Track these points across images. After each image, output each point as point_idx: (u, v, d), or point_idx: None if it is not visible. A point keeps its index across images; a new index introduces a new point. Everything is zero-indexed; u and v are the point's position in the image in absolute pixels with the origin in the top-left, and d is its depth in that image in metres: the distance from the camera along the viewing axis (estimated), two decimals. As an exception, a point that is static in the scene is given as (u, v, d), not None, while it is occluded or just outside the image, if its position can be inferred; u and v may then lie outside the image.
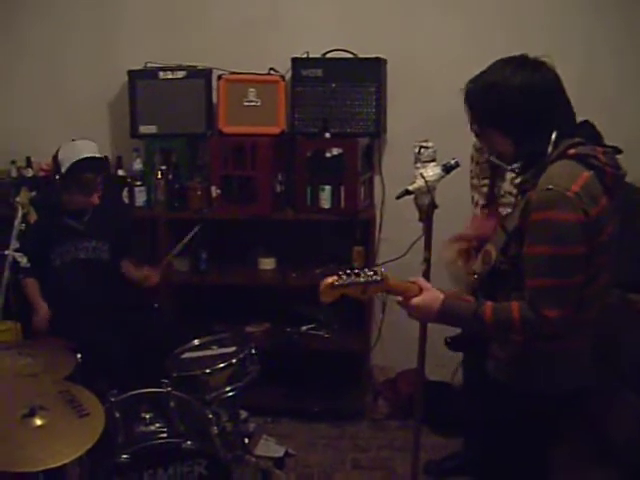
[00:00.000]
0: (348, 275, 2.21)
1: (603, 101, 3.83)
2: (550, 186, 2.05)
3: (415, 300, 2.25)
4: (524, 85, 2.15)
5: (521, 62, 2.22)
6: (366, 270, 2.24)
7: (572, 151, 2.12)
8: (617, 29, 3.95)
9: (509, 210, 2.97)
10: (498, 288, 2.27)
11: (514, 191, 2.98)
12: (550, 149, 2.15)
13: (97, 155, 3.60)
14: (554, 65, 2.22)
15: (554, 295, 2.08)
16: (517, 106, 2.16)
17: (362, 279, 2.21)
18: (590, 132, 2.21)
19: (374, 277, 2.22)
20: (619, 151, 2.21)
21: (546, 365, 2.24)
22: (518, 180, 2.33)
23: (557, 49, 3.74)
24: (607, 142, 2.22)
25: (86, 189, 3.54)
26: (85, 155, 3.51)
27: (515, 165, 2.26)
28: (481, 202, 3.16)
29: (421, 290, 2.26)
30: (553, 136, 2.14)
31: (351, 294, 2.23)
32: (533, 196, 2.10)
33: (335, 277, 2.21)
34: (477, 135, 2.33)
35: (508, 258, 2.24)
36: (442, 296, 2.24)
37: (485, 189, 3.14)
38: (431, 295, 2.25)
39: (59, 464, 2.29)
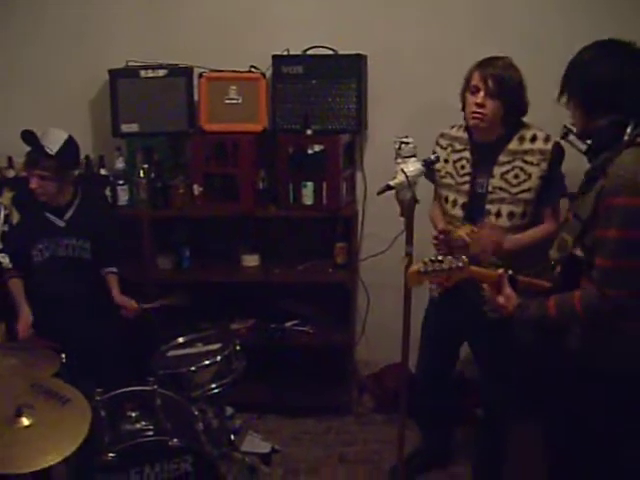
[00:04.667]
0: (432, 262, 2.37)
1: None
2: (621, 172, 2.17)
3: (499, 299, 2.43)
4: (616, 75, 2.26)
5: (615, 48, 2.32)
6: (449, 257, 2.39)
7: None
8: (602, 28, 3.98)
9: (501, 207, 3.04)
10: (575, 274, 2.34)
11: (504, 185, 3.03)
12: (626, 137, 2.23)
13: (32, 130, 3.49)
14: None
15: (619, 275, 2.19)
16: (604, 92, 2.27)
17: (446, 266, 2.36)
18: None
19: (457, 263, 2.37)
20: None
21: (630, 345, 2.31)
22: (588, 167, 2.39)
23: (537, 46, 3.85)
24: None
25: (28, 165, 3.50)
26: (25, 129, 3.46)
27: (584, 145, 2.37)
28: (462, 200, 3.13)
29: (501, 276, 2.42)
30: (631, 125, 2.24)
31: (436, 281, 2.45)
32: (606, 183, 2.20)
33: (421, 264, 2.37)
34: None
35: (585, 245, 2.31)
36: (519, 299, 2.40)
37: (466, 187, 3.11)
38: (509, 294, 2.42)
39: (51, 463, 2.30)
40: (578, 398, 2.40)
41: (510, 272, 2.44)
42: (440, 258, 2.38)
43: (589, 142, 2.36)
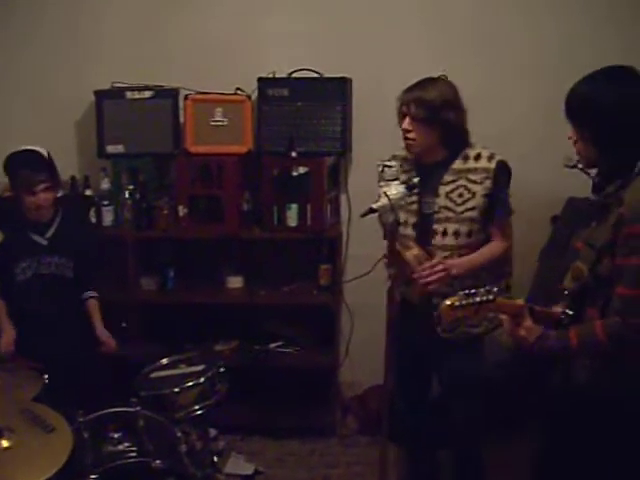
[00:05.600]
0: (467, 296, 2.31)
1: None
2: None
3: (521, 331, 2.35)
4: (622, 100, 2.22)
5: (619, 75, 2.28)
6: (481, 290, 2.32)
7: None
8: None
9: (447, 225, 3.01)
10: (589, 306, 2.32)
11: (449, 204, 3.00)
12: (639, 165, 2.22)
13: (32, 148, 3.53)
14: None
15: None
16: (612, 120, 2.23)
17: (478, 299, 2.30)
18: None
19: (488, 296, 2.30)
20: None
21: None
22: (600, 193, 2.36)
23: (530, 65, 3.90)
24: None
25: (27, 186, 3.46)
26: (20, 149, 3.49)
27: (594, 173, 2.35)
28: (411, 220, 3.09)
29: (522, 307, 2.35)
30: None
31: (466, 315, 2.33)
32: (625, 211, 2.17)
33: (455, 298, 2.31)
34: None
35: (599, 274, 2.28)
36: (540, 330, 2.34)
37: (415, 206, 3.08)
38: (530, 325, 2.35)
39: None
40: (580, 427, 2.38)
41: (529, 303, 2.43)
42: (473, 291, 2.32)
43: (595, 172, 2.34)
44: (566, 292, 2.42)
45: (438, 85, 3.02)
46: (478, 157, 3.02)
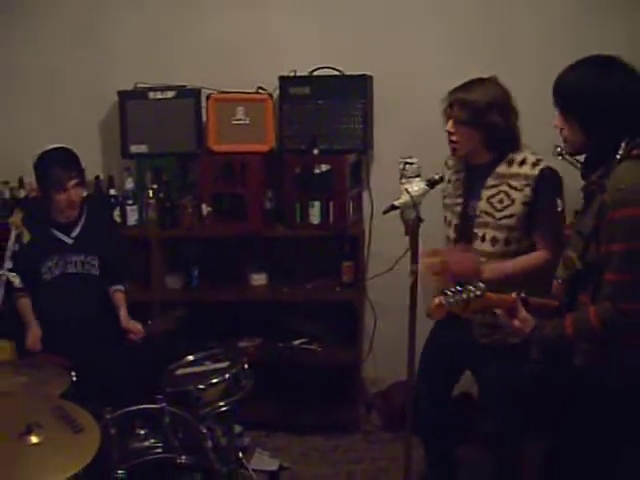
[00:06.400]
0: (453, 293, 2.35)
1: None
2: (622, 186, 2.18)
3: (515, 322, 2.41)
4: (607, 87, 2.26)
5: (605, 63, 2.32)
6: (467, 286, 2.37)
7: (635, 152, 2.24)
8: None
9: (486, 231, 2.99)
10: (581, 291, 2.36)
11: (489, 209, 2.96)
12: (621, 151, 2.25)
13: (61, 146, 3.58)
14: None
15: (631, 289, 2.20)
16: (602, 110, 2.27)
17: (465, 295, 2.35)
18: None
19: (475, 292, 2.35)
20: None
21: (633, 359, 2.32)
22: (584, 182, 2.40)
23: (543, 63, 3.87)
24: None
25: (57, 184, 3.51)
26: (48, 148, 3.53)
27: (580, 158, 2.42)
28: (454, 222, 3.09)
29: (515, 300, 2.41)
30: (626, 139, 2.25)
31: (455, 311, 2.37)
32: (607, 197, 2.21)
33: (442, 297, 2.35)
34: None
35: (588, 261, 2.32)
36: (535, 320, 2.39)
37: (459, 208, 3.07)
38: (525, 317, 2.41)
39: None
40: (583, 414, 2.41)
41: (522, 295, 2.44)
42: (459, 288, 2.37)
43: (582, 158, 2.39)
44: (560, 281, 2.45)
45: (484, 86, 2.94)
46: (523, 162, 2.93)
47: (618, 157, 2.25)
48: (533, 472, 3.30)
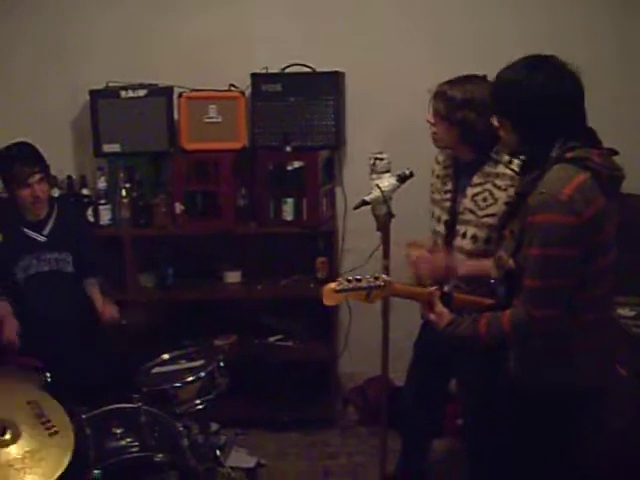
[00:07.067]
0: (349, 281, 2.38)
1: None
2: (543, 190, 2.16)
3: (431, 316, 2.44)
4: (547, 92, 2.23)
5: (549, 65, 2.28)
6: (367, 276, 2.41)
7: (569, 154, 2.21)
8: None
9: (467, 228, 2.96)
10: (515, 291, 2.35)
11: (473, 207, 2.94)
12: (553, 154, 2.23)
13: (20, 141, 3.55)
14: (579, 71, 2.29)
15: (542, 295, 2.19)
16: (534, 110, 2.25)
17: (364, 284, 2.38)
18: (589, 136, 2.28)
19: (376, 282, 2.39)
20: (615, 152, 2.29)
21: (557, 364, 2.32)
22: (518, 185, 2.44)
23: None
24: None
25: (20, 180, 3.48)
26: (8, 145, 3.51)
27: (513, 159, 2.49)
28: (444, 217, 3.07)
29: (431, 294, 2.43)
30: (559, 142, 2.24)
31: (355, 298, 2.42)
32: (530, 200, 2.20)
33: (337, 282, 2.39)
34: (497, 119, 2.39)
35: (519, 262, 2.32)
36: (451, 316, 2.40)
37: (448, 204, 3.05)
38: (441, 311, 2.42)
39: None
40: (510, 421, 2.45)
41: (445, 289, 2.45)
42: (358, 277, 2.40)
43: (520, 160, 2.40)
44: (492, 281, 2.48)
45: (470, 83, 2.90)
46: (510, 162, 2.90)
47: (552, 159, 2.23)
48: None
